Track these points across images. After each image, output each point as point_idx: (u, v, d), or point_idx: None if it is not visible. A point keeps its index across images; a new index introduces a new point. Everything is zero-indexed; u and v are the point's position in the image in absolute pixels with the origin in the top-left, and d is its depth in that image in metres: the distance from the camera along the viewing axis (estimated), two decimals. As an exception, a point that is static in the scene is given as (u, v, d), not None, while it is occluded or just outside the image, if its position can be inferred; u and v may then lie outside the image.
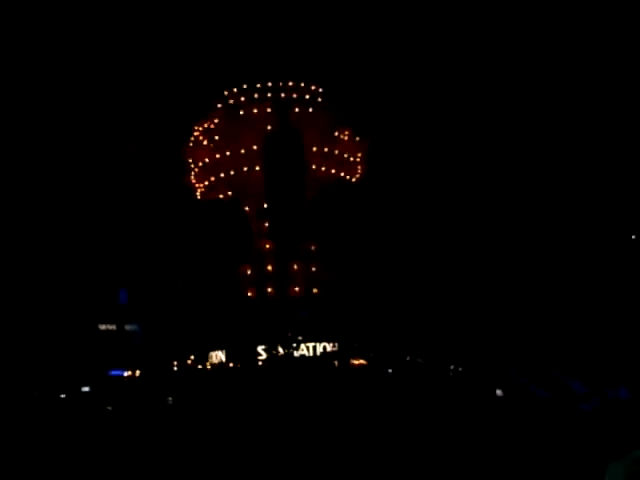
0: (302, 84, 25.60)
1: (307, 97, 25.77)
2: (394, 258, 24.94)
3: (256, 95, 25.40)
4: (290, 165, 24.92)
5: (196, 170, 26.25)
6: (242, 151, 25.48)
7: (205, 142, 25.90)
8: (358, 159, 26.36)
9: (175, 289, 26.45)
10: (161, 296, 26.65)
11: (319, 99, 25.89)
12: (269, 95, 25.37)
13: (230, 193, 26.30)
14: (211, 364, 25.03)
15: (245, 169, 25.62)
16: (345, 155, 26.04)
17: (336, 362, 21.76)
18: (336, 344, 24.35)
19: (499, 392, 11.54)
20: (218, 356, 25.66)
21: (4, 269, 24.48)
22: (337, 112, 25.56)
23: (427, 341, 22.65)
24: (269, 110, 25.33)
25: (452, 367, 18.34)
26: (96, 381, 21.61)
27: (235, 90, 25.43)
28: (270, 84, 25.32)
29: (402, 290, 24.78)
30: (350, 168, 26.15)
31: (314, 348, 24.44)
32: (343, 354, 22.86)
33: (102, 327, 27.26)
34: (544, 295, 22.00)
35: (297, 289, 25.31)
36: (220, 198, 26.25)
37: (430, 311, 23.80)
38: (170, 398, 14.43)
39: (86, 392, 20.89)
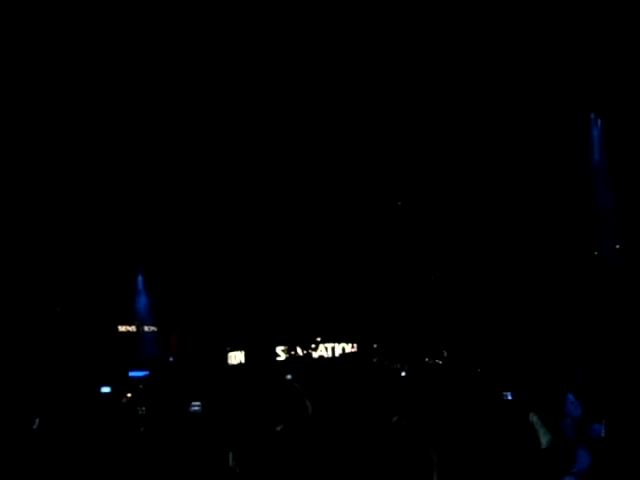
0: None
1: None
2: (414, 259, 24.90)
3: None
4: None
5: None
6: None
7: None
8: None
9: (193, 290, 26.50)
10: (180, 296, 26.71)
11: None
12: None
13: None
14: (230, 365, 25.13)
15: None
16: None
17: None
18: (355, 345, 24.37)
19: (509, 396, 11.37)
20: (237, 357, 25.73)
21: (23, 270, 24.57)
22: None
23: (447, 343, 22.61)
24: None
25: (473, 370, 18.31)
26: (116, 382, 21.69)
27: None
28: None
29: (421, 291, 24.74)
30: None
31: (333, 349, 24.46)
32: (362, 355, 22.86)
33: (122, 328, 27.35)
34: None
35: None
36: None
37: (450, 313, 23.76)
38: (195, 402, 14.50)
39: (106, 393, 20.99)
